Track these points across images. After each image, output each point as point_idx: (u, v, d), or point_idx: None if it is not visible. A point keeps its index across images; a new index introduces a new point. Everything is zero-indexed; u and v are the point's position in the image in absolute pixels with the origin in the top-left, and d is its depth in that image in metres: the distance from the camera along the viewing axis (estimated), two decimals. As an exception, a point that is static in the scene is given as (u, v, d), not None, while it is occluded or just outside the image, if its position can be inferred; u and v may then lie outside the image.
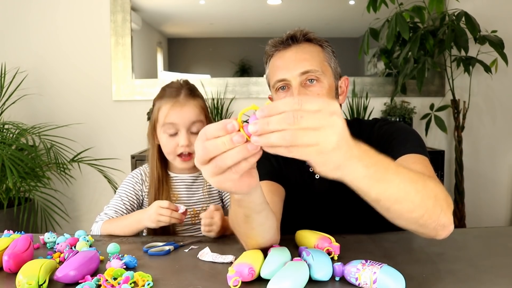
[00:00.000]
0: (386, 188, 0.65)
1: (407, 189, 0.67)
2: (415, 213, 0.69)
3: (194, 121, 1.16)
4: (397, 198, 0.66)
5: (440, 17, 2.12)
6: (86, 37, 2.45)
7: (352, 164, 0.59)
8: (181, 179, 1.23)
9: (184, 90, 1.18)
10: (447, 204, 0.75)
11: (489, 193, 2.50)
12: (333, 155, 0.55)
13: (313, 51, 1.04)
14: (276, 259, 0.74)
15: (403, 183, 0.66)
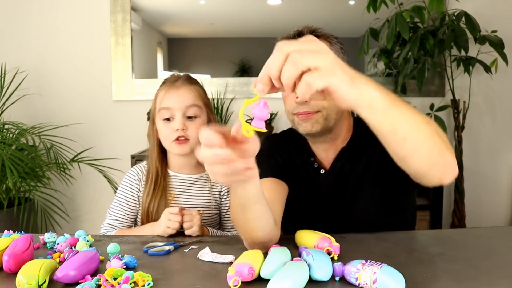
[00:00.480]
0: (400, 114, 0.67)
1: (417, 118, 0.69)
2: (427, 144, 0.71)
3: (189, 105, 1.15)
4: (411, 127, 0.68)
5: (440, 17, 2.12)
6: (86, 37, 2.45)
7: (362, 83, 0.63)
8: (180, 178, 1.22)
9: (182, 77, 1.20)
10: (449, 143, 0.76)
11: (489, 193, 2.50)
12: (341, 73, 0.60)
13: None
14: (276, 259, 0.74)
15: (412, 112, 0.69)
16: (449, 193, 2.43)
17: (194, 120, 1.16)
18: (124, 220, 1.20)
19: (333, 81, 0.60)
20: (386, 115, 0.66)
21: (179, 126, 1.13)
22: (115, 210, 1.21)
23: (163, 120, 1.16)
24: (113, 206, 1.22)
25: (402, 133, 0.68)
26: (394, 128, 0.68)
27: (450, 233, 1.05)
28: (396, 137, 0.69)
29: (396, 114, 0.67)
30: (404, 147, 0.70)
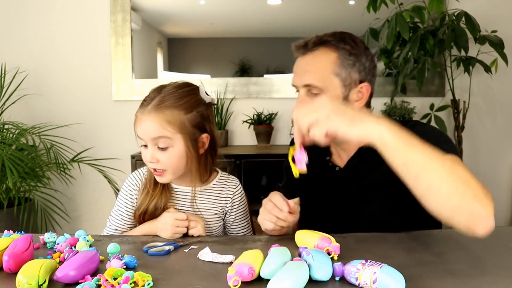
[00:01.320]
0: (412, 152, 0.73)
1: (432, 158, 0.73)
2: (444, 186, 0.73)
3: (155, 137, 1.07)
4: (424, 166, 0.73)
5: (440, 17, 2.12)
6: (86, 37, 2.46)
7: (368, 121, 0.74)
8: (182, 191, 1.16)
9: (156, 100, 1.10)
10: (483, 194, 0.75)
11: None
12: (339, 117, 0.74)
13: (322, 62, 1.05)
14: (276, 259, 0.74)
15: (428, 152, 0.74)
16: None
17: (166, 150, 1.07)
18: (124, 230, 1.17)
19: (330, 126, 0.74)
20: (397, 150, 0.73)
21: (149, 158, 1.09)
22: (114, 219, 1.18)
23: (141, 145, 1.12)
24: (113, 215, 1.18)
25: (414, 171, 0.74)
26: (405, 165, 0.74)
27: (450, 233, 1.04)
28: (408, 174, 0.74)
29: (408, 151, 0.73)
30: (417, 185, 0.74)
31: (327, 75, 1.04)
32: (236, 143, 2.50)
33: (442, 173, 0.73)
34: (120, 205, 1.18)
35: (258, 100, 2.47)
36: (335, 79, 1.04)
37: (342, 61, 1.04)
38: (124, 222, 1.17)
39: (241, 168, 2.03)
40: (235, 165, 2.02)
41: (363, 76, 1.08)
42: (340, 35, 1.08)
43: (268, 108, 2.44)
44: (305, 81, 1.04)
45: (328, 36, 1.07)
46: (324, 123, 0.75)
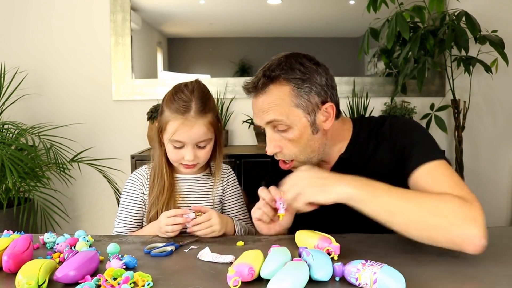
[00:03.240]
0: (379, 201, 0.82)
1: (398, 202, 0.82)
2: (413, 225, 0.81)
3: (201, 140, 1.15)
4: (391, 210, 0.82)
5: (440, 17, 2.12)
6: (86, 37, 2.45)
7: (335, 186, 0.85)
8: (184, 179, 1.24)
9: (194, 105, 1.13)
10: (462, 217, 0.80)
11: (489, 193, 2.50)
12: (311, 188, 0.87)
13: (278, 99, 1.00)
14: (276, 259, 0.74)
15: (394, 197, 0.83)
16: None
17: (203, 148, 1.17)
18: (132, 225, 1.21)
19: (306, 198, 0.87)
20: (365, 204, 0.83)
21: (191, 157, 1.15)
22: (122, 217, 1.21)
23: (173, 147, 1.16)
24: (119, 214, 1.22)
25: (384, 217, 0.83)
26: (375, 212, 0.83)
27: (451, 233, 1.04)
28: (379, 220, 0.83)
29: (374, 202, 0.83)
30: (390, 226, 0.83)
31: (287, 109, 1.00)
32: (236, 143, 2.50)
33: (409, 213, 0.81)
34: (126, 202, 1.22)
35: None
36: (296, 110, 1.00)
37: (298, 92, 1.00)
38: (131, 218, 1.21)
39: (241, 168, 2.03)
40: (235, 165, 2.01)
41: (323, 97, 1.03)
42: (287, 63, 1.02)
43: (268, 108, 2.44)
44: (267, 118, 1.01)
45: (275, 69, 1.01)
46: (303, 196, 0.86)
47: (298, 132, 1.02)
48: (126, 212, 1.21)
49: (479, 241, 0.78)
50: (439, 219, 0.80)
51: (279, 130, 1.02)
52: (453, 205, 0.81)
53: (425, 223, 0.80)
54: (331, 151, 1.10)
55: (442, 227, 0.79)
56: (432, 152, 0.97)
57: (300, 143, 1.03)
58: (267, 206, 1.02)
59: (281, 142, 1.03)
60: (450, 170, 0.94)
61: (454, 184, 0.90)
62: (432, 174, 0.93)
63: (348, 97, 2.41)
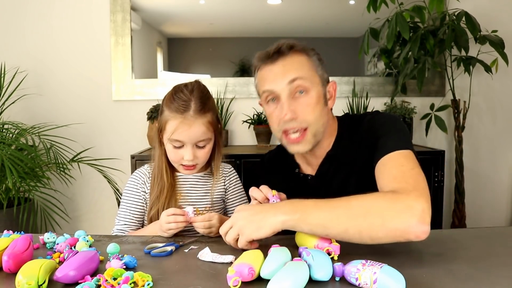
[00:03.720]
0: (312, 221, 0.83)
1: (328, 217, 0.83)
2: (350, 231, 0.82)
3: (200, 140, 1.16)
4: (325, 226, 0.83)
5: (440, 17, 2.12)
6: (86, 37, 2.45)
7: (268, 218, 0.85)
8: (185, 178, 1.24)
9: (193, 104, 1.14)
10: (394, 210, 0.81)
11: (489, 193, 2.50)
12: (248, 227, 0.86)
13: (300, 61, 1.06)
14: (276, 259, 0.74)
15: (324, 212, 0.84)
16: (449, 193, 2.43)
17: (203, 148, 1.18)
18: (133, 223, 1.22)
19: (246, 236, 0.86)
20: (301, 226, 0.85)
21: (190, 157, 1.15)
22: (123, 215, 1.22)
23: (173, 146, 1.17)
24: (120, 212, 1.23)
25: (322, 233, 0.84)
26: (313, 232, 0.84)
27: (450, 233, 1.04)
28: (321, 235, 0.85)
29: (308, 222, 0.84)
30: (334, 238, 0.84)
31: (309, 71, 1.06)
32: (236, 143, 2.50)
33: (342, 222, 0.82)
34: (127, 200, 1.23)
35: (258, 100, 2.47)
36: (315, 76, 1.07)
37: (313, 61, 1.08)
38: (132, 215, 1.21)
39: (241, 168, 2.03)
40: (235, 165, 2.01)
41: (327, 75, 1.12)
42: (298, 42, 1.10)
43: (268, 108, 2.44)
44: (290, 76, 1.03)
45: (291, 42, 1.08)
46: (243, 236, 0.87)
47: (316, 96, 1.05)
48: (127, 210, 1.22)
49: (417, 228, 0.79)
50: (371, 219, 0.81)
51: (297, 94, 1.04)
52: (383, 201, 0.83)
53: (359, 226, 0.81)
54: (324, 145, 1.12)
55: (377, 225, 0.80)
56: (394, 143, 0.99)
57: (316, 110, 1.05)
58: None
59: (298, 108, 1.04)
60: (405, 160, 0.95)
61: (400, 175, 0.91)
62: (386, 166, 0.96)
63: (348, 97, 2.41)
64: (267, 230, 0.85)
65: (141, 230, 1.19)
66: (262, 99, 1.10)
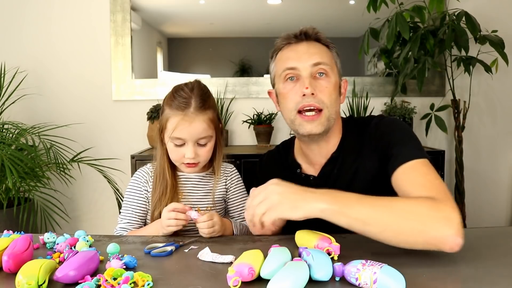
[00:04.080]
0: (352, 213, 0.82)
1: (370, 210, 0.82)
2: (388, 231, 0.82)
3: (201, 137, 1.16)
4: (364, 220, 0.82)
5: (440, 17, 2.12)
6: (86, 36, 2.45)
7: (309, 202, 0.83)
8: (187, 177, 1.25)
9: (194, 101, 1.15)
10: (435, 218, 0.81)
11: (489, 193, 2.50)
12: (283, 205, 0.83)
13: (322, 49, 1.10)
14: (276, 259, 0.74)
15: (366, 206, 0.83)
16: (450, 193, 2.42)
17: (204, 146, 1.18)
18: (135, 222, 1.22)
19: (277, 213, 0.83)
20: (338, 217, 0.82)
21: (191, 155, 1.16)
22: (125, 213, 1.22)
23: (174, 145, 1.17)
24: (123, 210, 1.23)
25: (358, 227, 0.83)
26: (350, 226, 0.83)
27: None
28: (354, 230, 0.84)
29: (347, 214, 0.82)
30: (366, 235, 0.84)
31: (330, 59, 1.10)
32: (236, 143, 2.50)
33: (383, 221, 0.82)
34: (130, 199, 1.23)
35: (258, 100, 2.47)
36: (335, 66, 1.11)
37: (333, 54, 1.12)
38: (134, 213, 1.22)
39: (241, 168, 2.03)
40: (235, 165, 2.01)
41: (341, 73, 1.15)
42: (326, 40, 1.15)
43: (268, 108, 2.44)
44: (316, 59, 1.06)
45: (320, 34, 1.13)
46: (272, 211, 0.83)
47: (334, 82, 1.08)
48: (130, 208, 1.22)
49: (454, 240, 0.79)
50: (412, 223, 0.81)
51: (318, 75, 1.06)
52: (425, 208, 0.82)
53: (399, 228, 0.81)
54: (331, 142, 1.12)
55: (417, 230, 0.80)
56: (411, 152, 0.99)
57: (333, 94, 1.07)
58: None
59: (317, 87, 1.06)
60: (427, 168, 0.96)
61: (429, 183, 0.91)
62: (409, 174, 0.95)
63: (348, 97, 2.41)
64: (302, 213, 0.82)
65: (143, 229, 1.19)
66: (281, 79, 1.10)
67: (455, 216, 0.81)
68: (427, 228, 0.80)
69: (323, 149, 1.13)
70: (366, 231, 0.83)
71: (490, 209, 2.52)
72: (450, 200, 0.85)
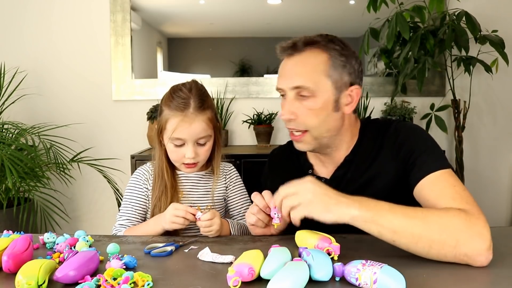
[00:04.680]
0: (383, 222, 0.81)
1: (402, 221, 0.81)
2: (420, 244, 0.81)
3: (201, 137, 1.17)
4: (395, 230, 0.81)
5: (440, 16, 2.12)
6: (86, 36, 2.45)
7: (341, 207, 0.82)
8: (187, 177, 1.25)
9: (193, 102, 1.15)
10: (469, 234, 0.80)
11: (489, 193, 2.50)
12: (315, 205, 0.82)
13: (312, 63, 1.01)
14: (276, 259, 0.74)
15: (398, 216, 0.82)
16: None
17: (203, 145, 1.19)
18: (135, 219, 1.22)
19: (307, 212, 0.82)
20: (369, 225, 0.82)
21: (191, 155, 1.16)
22: (125, 211, 1.22)
23: (174, 145, 1.17)
24: (123, 207, 1.24)
25: (389, 237, 0.82)
26: (380, 233, 0.82)
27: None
28: (385, 239, 0.83)
29: (378, 223, 0.81)
30: (397, 245, 0.83)
31: (318, 77, 1.00)
32: (236, 143, 2.50)
33: (415, 233, 0.81)
34: (129, 196, 1.23)
35: (258, 100, 2.47)
36: (326, 80, 1.01)
37: (333, 62, 1.01)
38: (134, 210, 1.22)
39: (241, 168, 2.03)
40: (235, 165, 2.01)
41: (353, 79, 1.04)
42: (329, 36, 1.05)
43: (268, 108, 2.44)
44: (294, 82, 1.01)
45: (316, 37, 1.04)
46: (303, 208, 0.83)
47: (322, 103, 1.01)
48: (129, 204, 1.22)
49: (486, 256, 0.79)
50: (445, 237, 0.79)
51: (302, 96, 1.01)
52: (458, 221, 0.81)
53: (431, 241, 0.80)
54: (342, 149, 1.09)
55: (449, 245, 0.79)
56: (436, 162, 0.96)
57: (320, 115, 1.01)
58: (261, 213, 1.00)
59: (299, 110, 1.02)
60: (454, 179, 0.94)
61: (458, 196, 0.89)
62: (436, 185, 0.93)
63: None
64: (333, 217, 0.82)
65: (143, 224, 1.19)
66: None
67: (486, 231, 0.80)
68: (460, 244, 0.79)
69: (334, 156, 1.10)
70: (397, 241, 0.82)
71: (490, 209, 2.51)
72: (481, 214, 0.84)
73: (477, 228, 0.80)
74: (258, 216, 1.01)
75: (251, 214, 1.02)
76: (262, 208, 0.99)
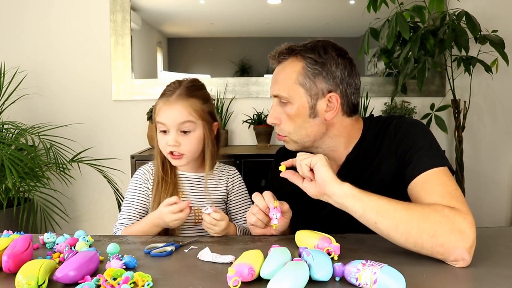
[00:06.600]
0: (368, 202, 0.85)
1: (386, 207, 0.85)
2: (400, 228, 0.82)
3: (182, 121, 1.17)
4: (378, 211, 0.84)
5: (440, 16, 2.12)
6: (86, 36, 2.45)
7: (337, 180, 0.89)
8: (187, 177, 1.25)
9: (180, 90, 1.19)
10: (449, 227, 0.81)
11: (489, 193, 2.50)
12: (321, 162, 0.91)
13: (287, 72, 1.05)
14: (276, 259, 0.74)
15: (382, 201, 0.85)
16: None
17: (188, 134, 1.19)
18: (135, 217, 1.22)
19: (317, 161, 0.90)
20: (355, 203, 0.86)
21: (171, 142, 1.17)
22: (126, 210, 1.23)
23: (160, 131, 1.20)
24: (124, 207, 1.24)
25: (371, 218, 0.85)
26: (364, 212, 0.86)
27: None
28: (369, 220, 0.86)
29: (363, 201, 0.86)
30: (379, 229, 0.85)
31: (291, 85, 1.04)
32: (236, 143, 2.50)
33: (396, 216, 0.83)
34: (130, 195, 1.24)
35: (258, 100, 2.47)
36: (298, 88, 1.04)
37: (307, 71, 1.03)
38: (135, 209, 1.22)
39: (241, 168, 2.03)
40: (235, 165, 2.01)
41: (332, 86, 1.04)
42: (312, 44, 1.06)
43: (268, 108, 2.42)
44: (274, 91, 1.08)
45: (299, 45, 1.07)
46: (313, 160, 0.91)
47: (296, 109, 1.05)
48: (130, 204, 1.22)
49: (462, 254, 0.78)
50: (425, 226, 0.80)
51: (282, 103, 1.07)
52: (441, 215, 0.81)
53: (411, 228, 0.81)
54: (340, 150, 1.11)
55: (428, 234, 0.80)
56: (431, 160, 0.96)
57: (296, 121, 1.06)
58: (261, 213, 1.02)
59: (281, 116, 1.07)
60: (448, 178, 0.93)
61: (448, 194, 0.89)
62: (428, 183, 0.93)
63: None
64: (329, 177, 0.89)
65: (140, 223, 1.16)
66: None
67: (470, 231, 0.80)
68: (437, 234, 0.79)
69: (334, 156, 1.11)
70: (379, 223, 0.83)
71: (490, 209, 2.52)
72: (469, 214, 0.84)
73: (460, 225, 0.80)
74: (258, 216, 1.02)
75: (251, 214, 1.03)
76: (262, 208, 1.00)
